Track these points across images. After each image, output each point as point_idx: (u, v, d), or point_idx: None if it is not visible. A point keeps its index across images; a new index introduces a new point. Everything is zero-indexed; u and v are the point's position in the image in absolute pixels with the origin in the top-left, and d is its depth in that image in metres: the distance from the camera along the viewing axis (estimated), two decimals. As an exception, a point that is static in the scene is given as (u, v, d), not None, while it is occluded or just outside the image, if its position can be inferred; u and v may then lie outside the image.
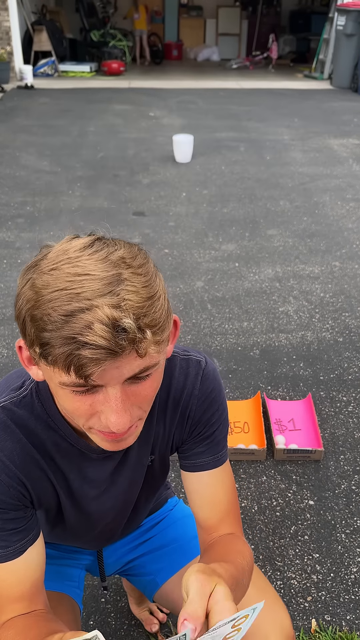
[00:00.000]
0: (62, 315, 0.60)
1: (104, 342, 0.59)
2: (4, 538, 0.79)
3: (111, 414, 0.65)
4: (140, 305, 0.62)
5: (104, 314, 0.59)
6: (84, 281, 0.61)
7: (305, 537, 1.82)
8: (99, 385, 0.64)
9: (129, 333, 0.60)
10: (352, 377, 2.58)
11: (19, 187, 4.85)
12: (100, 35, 11.79)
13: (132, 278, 0.63)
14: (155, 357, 0.66)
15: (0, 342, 2.77)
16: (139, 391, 0.68)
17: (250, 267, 3.59)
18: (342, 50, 9.59)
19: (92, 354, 0.59)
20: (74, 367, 0.61)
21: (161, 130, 6.81)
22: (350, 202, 4.70)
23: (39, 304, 0.63)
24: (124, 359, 0.62)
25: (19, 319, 0.67)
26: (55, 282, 0.62)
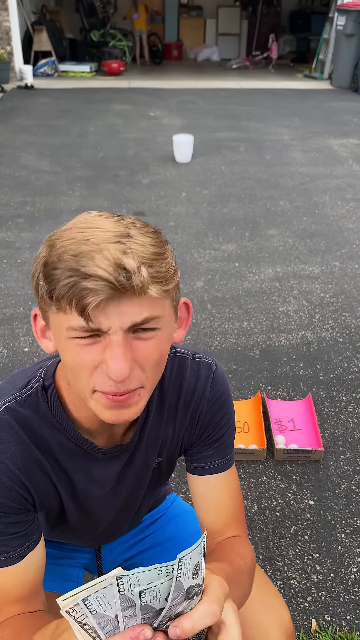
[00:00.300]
0: (71, 256, 0.65)
1: (104, 274, 0.63)
2: (4, 543, 0.78)
3: (111, 359, 0.66)
4: (146, 256, 0.66)
5: (109, 253, 0.64)
6: (95, 231, 0.66)
7: (305, 537, 1.82)
8: (101, 331, 0.66)
9: (131, 271, 0.64)
10: (352, 377, 2.58)
11: (19, 187, 4.86)
12: (100, 35, 11.79)
13: (140, 236, 0.67)
14: (158, 308, 0.69)
15: (0, 342, 2.77)
16: (142, 348, 0.69)
17: (250, 267, 3.59)
18: (342, 50, 9.59)
19: (92, 284, 0.63)
20: (75, 299, 0.64)
21: (161, 130, 6.81)
22: (350, 202, 4.70)
23: (52, 252, 0.68)
24: (126, 303, 0.65)
25: (34, 276, 0.71)
26: (69, 234, 0.68)
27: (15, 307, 3.08)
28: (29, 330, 2.86)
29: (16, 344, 2.75)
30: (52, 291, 0.66)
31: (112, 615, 0.55)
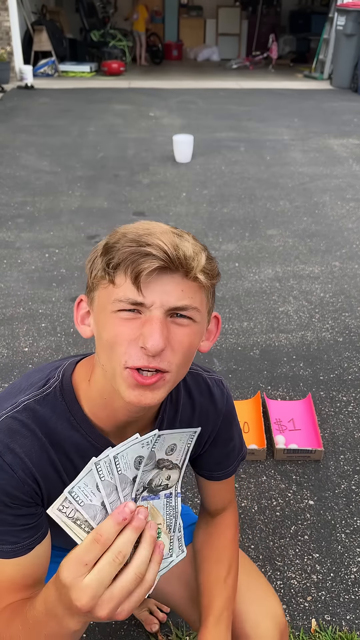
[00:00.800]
0: (133, 235, 0.73)
1: (164, 245, 0.71)
2: (14, 534, 0.80)
3: (150, 332, 0.71)
4: (197, 250, 0.75)
5: (169, 237, 0.73)
6: (154, 227, 0.75)
7: (305, 537, 1.82)
8: (145, 305, 0.72)
9: (185, 253, 0.72)
10: (352, 377, 2.58)
11: (19, 187, 4.86)
12: (100, 35, 11.79)
13: (192, 240, 0.77)
14: (197, 299, 0.76)
15: (0, 342, 2.77)
16: (177, 333, 0.75)
17: (250, 267, 3.59)
18: (342, 50, 9.59)
19: (152, 250, 0.70)
20: (133, 265, 0.71)
21: (161, 130, 6.81)
22: (350, 202, 4.70)
23: (114, 235, 0.76)
24: (172, 283, 0.73)
25: (90, 261, 0.79)
26: (131, 226, 0.77)
27: (15, 307, 3.08)
28: (29, 330, 2.86)
29: (16, 344, 2.75)
30: (110, 260, 0.73)
31: (99, 503, 0.60)
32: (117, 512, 0.58)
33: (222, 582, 0.99)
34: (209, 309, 0.81)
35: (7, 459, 0.78)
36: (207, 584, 1.00)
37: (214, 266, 0.78)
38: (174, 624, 1.55)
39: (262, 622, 1.01)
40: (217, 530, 1.07)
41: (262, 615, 1.02)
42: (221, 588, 0.98)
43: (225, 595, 0.98)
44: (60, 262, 3.57)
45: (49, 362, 0.94)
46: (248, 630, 1.01)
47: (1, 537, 0.79)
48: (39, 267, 3.51)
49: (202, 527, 1.10)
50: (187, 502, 1.93)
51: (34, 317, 2.98)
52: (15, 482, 0.79)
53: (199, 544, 1.07)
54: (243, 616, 1.02)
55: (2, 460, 0.78)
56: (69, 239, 3.89)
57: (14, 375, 2.52)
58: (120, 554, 0.58)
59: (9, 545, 0.79)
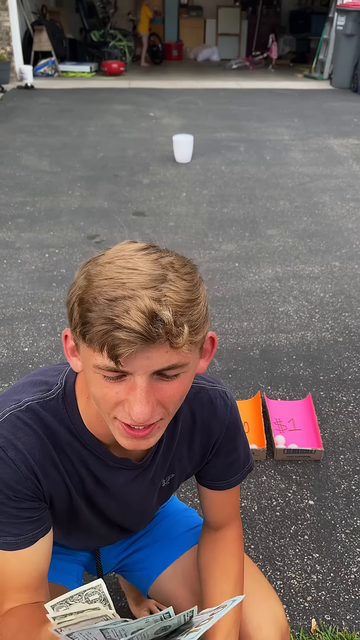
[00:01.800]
0: (106, 300, 0.65)
1: (138, 327, 0.63)
2: (18, 526, 0.80)
3: (135, 403, 0.68)
4: (180, 304, 0.66)
5: (143, 303, 0.64)
6: (131, 274, 0.66)
7: (305, 537, 1.82)
8: (128, 372, 0.68)
9: (165, 324, 0.65)
10: (352, 377, 2.58)
11: (19, 187, 4.86)
12: (100, 35, 11.78)
13: (177, 281, 0.67)
14: (185, 356, 0.69)
15: (0, 342, 2.77)
16: (166, 389, 0.71)
17: (250, 267, 3.59)
18: (342, 50, 9.59)
19: (125, 336, 0.64)
20: (107, 347, 0.65)
21: (161, 130, 6.81)
22: (350, 202, 4.70)
23: (88, 289, 0.68)
24: (155, 350, 0.66)
25: (69, 304, 0.72)
26: (106, 272, 0.68)
27: (15, 307, 3.08)
28: (29, 330, 2.86)
29: (16, 344, 2.75)
30: (85, 333, 0.68)
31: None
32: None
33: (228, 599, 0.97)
34: (200, 345, 0.75)
35: (10, 454, 0.79)
36: (214, 602, 0.98)
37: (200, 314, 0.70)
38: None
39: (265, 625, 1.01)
40: (223, 545, 1.04)
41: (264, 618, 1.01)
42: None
43: (232, 613, 0.96)
44: (60, 262, 3.57)
45: (51, 365, 0.94)
46: (250, 632, 1.01)
47: (4, 529, 0.80)
48: (39, 267, 3.51)
49: (207, 542, 1.07)
50: (187, 503, 1.93)
51: (34, 317, 2.98)
52: (18, 477, 0.79)
53: (204, 560, 1.05)
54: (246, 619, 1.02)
55: (6, 455, 0.79)
56: (69, 239, 3.89)
57: (14, 375, 2.52)
58: None
59: (12, 537, 0.80)
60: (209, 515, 1.07)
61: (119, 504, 0.94)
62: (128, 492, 0.93)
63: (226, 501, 1.05)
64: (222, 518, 1.06)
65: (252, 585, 1.06)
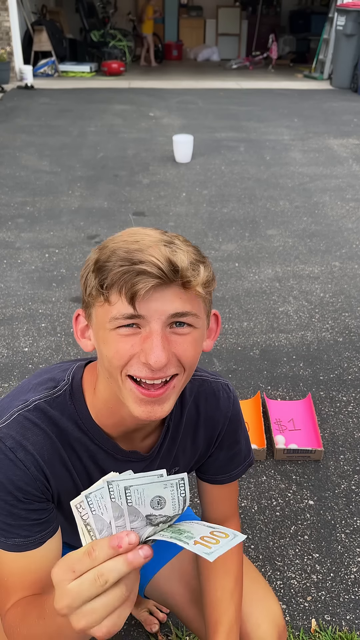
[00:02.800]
0: (124, 252, 0.71)
1: (157, 262, 0.69)
2: (26, 528, 0.81)
3: (151, 348, 0.71)
4: (192, 261, 0.73)
5: (159, 250, 0.70)
6: (144, 237, 0.73)
7: (305, 537, 1.82)
8: (143, 318, 0.71)
9: (180, 267, 0.70)
10: (352, 377, 2.58)
11: (19, 187, 4.86)
12: (100, 35, 11.78)
13: (184, 246, 0.74)
14: (197, 305, 0.75)
15: (0, 342, 2.77)
16: (179, 343, 0.74)
17: (250, 267, 3.59)
18: (342, 50, 9.58)
19: (146, 268, 0.68)
20: (126, 287, 0.69)
21: (161, 130, 6.81)
22: (350, 202, 4.70)
23: (104, 250, 0.74)
24: (169, 294, 0.71)
25: (83, 276, 0.77)
26: (119, 238, 0.74)
27: (15, 307, 3.08)
28: (29, 330, 2.86)
29: (16, 344, 2.75)
30: (103, 280, 0.72)
31: (107, 521, 0.59)
32: (115, 537, 0.57)
33: (229, 596, 0.99)
34: (207, 312, 0.81)
35: (19, 455, 0.79)
36: (214, 598, 0.99)
37: (210, 272, 0.77)
38: (174, 624, 1.55)
39: (263, 624, 1.02)
40: None
41: (262, 617, 1.03)
42: (228, 602, 0.98)
43: (233, 610, 0.98)
44: (60, 262, 3.57)
45: (58, 363, 0.95)
46: (248, 630, 1.02)
47: (14, 530, 0.80)
48: (39, 267, 3.51)
49: None
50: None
51: (34, 317, 2.98)
52: (27, 478, 0.80)
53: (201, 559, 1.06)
54: (244, 617, 1.03)
55: (15, 457, 0.79)
56: (69, 239, 3.89)
57: (14, 375, 2.52)
58: (102, 577, 0.56)
59: (21, 538, 0.81)
60: (208, 512, 1.09)
61: None
62: None
63: (226, 496, 1.06)
64: (221, 514, 1.08)
65: (249, 584, 1.07)
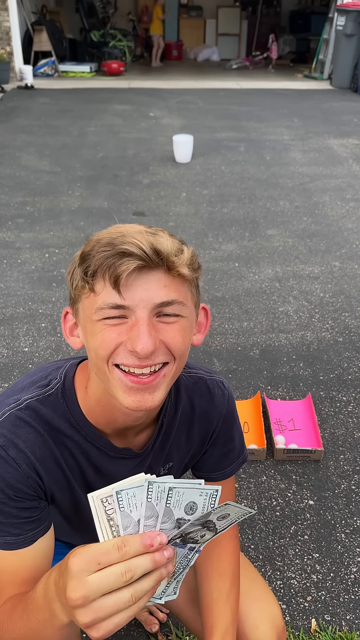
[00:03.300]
0: (107, 241, 0.72)
1: (139, 244, 0.69)
2: (17, 526, 0.81)
3: (138, 335, 0.71)
4: (176, 245, 0.74)
5: (143, 236, 0.71)
6: (127, 229, 0.73)
7: (305, 537, 1.82)
8: (129, 308, 0.71)
9: (163, 252, 0.70)
10: (352, 377, 2.58)
11: (19, 187, 4.86)
12: (100, 35, 11.78)
13: (167, 235, 0.74)
14: (183, 293, 0.75)
15: (0, 342, 2.77)
16: (167, 330, 0.74)
17: (250, 267, 3.59)
18: (342, 50, 9.58)
19: (128, 249, 0.69)
20: (110, 270, 0.70)
21: (161, 130, 6.81)
22: (350, 202, 4.70)
23: (88, 244, 0.75)
24: (154, 281, 0.71)
25: (70, 272, 0.78)
26: (104, 231, 0.76)
27: (15, 307, 3.08)
28: (29, 330, 2.86)
29: (16, 344, 2.75)
30: (87, 268, 0.72)
31: (136, 519, 0.60)
32: (148, 536, 0.58)
33: (225, 598, 0.99)
34: (195, 303, 0.80)
35: (11, 453, 0.79)
36: (210, 600, 0.99)
37: (195, 259, 0.77)
38: (174, 624, 1.55)
39: (261, 625, 1.02)
40: (218, 543, 1.05)
41: (261, 618, 1.03)
42: (224, 604, 0.98)
43: (230, 611, 0.97)
44: (60, 262, 3.57)
45: (51, 362, 0.95)
46: (247, 632, 1.02)
47: (5, 529, 0.80)
48: (39, 267, 3.51)
49: None
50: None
51: (34, 317, 2.98)
52: (19, 476, 0.80)
53: (200, 559, 1.06)
54: (242, 617, 1.03)
55: (7, 454, 0.79)
56: (69, 239, 3.89)
57: (14, 375, 2.52)
58: (129, 572, 0.57)
59: (12, 537, 0.81)
60: None
61: None
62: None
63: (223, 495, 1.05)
64: None
65: (248, 585, 1.07)
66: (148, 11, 13.65)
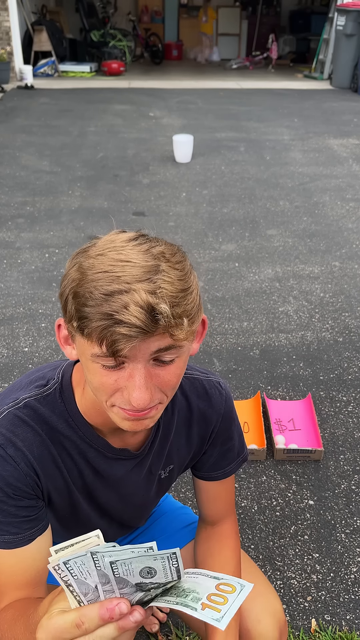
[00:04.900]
0: (102, 294, 0.65)
1: (138, 322, 0.64)
2: (15, 525, 0.81)
3: (134, 390, 0.70)
4: (175, 295, 0.67)
5: (140, 297, 0.64)
6: (125, 267, 0.66)
7: (305, 537, 1.82)
8: (126, 360, 0.69)
9: (163, 316, 0.65)
10: (352, 377, 2.58)
11: (19, 187, 4.86)
12: (100, 35, 11.78)
13: (169, 271, 0.68)
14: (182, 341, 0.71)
15: (0, 342, 2.77)
16: (163, 375, 0.72)
17: (250, 267, 3.59)
18: (342, 50, 9.58)
19: (126, 331, 0.65)
20: (107, 342, 0.66)
21: (161, 130, 6.81)
22: (350, 202, 4.70)
23: (82, 283, 0.68)
24: (151, 339, 0.67)
25: (62, 296, 0.72)
26: (99, 265, 0.68)
27: (15, 307, 3.08)
28: (29, 330, 2.86)
29: (16, 344, 2.75)
30: (83, 328, 0.68)
31: (93, 585, 0.57)
32: (105, 607, 0.55)
33: None
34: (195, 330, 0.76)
35: (9, 451, 0.80)
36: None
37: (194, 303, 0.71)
38: (174, 624, 1.55)
39: (263, 619, 1.02)
40: (219, 540, 1.05)
41: (263, 612, 1.03)
42: None
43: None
44: (60, 262, 3.57)
45: (48, 363, 0.95)
46: (249, 626, 1.02)
47: (2, 527, 0.80)
48: (39, 267, 3.51)
49: (203, 538, 1.08)
50: (187, 503, 1.93)
51: (34, 317, 2.98)
52: (17, 474, 0.80)
53: (201, 556, 1.06)
54: (244, 612, 1.03)
55: (5, 452, 0.79)
56: (69, 239, 3.89)
57: (14, 375, 2.52)
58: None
59: (10, 535, 0.81)
60: (205, 510, 1.08)
61: (118, 496, 0.95)
62: (126, 482, 0.94)
63: (222, 493, 1.06)
64: (218, 512, 1.08)
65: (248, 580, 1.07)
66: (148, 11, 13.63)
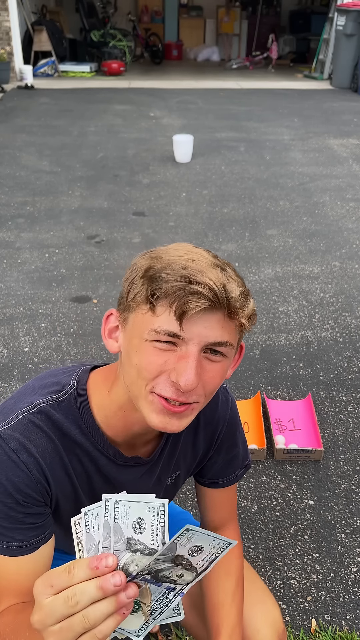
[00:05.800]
0: (181, 267, 0.71)
1: (214, 286, 0.69)
2: (21, 532, 0.80)
3: (185, 369, 0.71)
4: (244, 293, 0.75)
5: (215, 275, 0.71)
6: (199, 256, 0.73)
7: (305, 537, 1.82)
8: (180, 342, 0.72)
9: (232, 294, 0.71)
10: (352, 377, 2.58)
11: (19, 187, 4.86)
12: (100, 35, 11.78)
13: (234, 276, 0.75)
14: (233, 337, 0.76)
15: (0, 342, 2.77)
16: (209, 370, 0.75)
17: (250, 267, 3.59)
18: (342, 50, 9.58)
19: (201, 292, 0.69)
20: (180, 302, 0.69)
21: (161, 130, 6.81)
22: (350, 202, 4.70)
23: (157, 261, 0.73)
24: (215, 320, 0.72)
25: (128, 280, 0.76)
26: (173, 252, 0.74)
27: (15, 307, 3.08)
28: (29, 330, 2.86)
29: (16, 344, 2.75)
30: (156, 290, 0.71)
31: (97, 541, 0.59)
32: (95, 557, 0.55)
33: (231, 598, 0.99)
34: (237, 343, 0.81)
35: (22, 457, 0.79)
36: (217, 601, 0.99)
37: (255, 311, 0.78)
38: (174, 624, 1.55)
39: (262, 628, 1.02)
40: None
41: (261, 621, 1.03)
42: (230, 605, 0.98)
43: (235, 611, 0.98)
44: (60, 262, 3.57)
45: (61, 367, 0.94)
46: (249, 635, 1.02)
47: (9, 534, 0.80)
48: (39, 267, 3.51)
49: None
50: (187, 503, 1.93)
51: (34, 317, 2.98)
52: (29, 481, 0.79)
53: None
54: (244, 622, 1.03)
55: (18, 459, 0.79)
56: (69, 239, 3.89)
57: (14, 375, 2.52)
58: (72, 598, 0.54)
59: (15, 542, 0.80)
60: (207, 516, 1.08)
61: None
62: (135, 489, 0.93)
63: (225, 500, 1.06)
64: (220, 518, 1.08)
65: (248, 587, 1.07)
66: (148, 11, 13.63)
